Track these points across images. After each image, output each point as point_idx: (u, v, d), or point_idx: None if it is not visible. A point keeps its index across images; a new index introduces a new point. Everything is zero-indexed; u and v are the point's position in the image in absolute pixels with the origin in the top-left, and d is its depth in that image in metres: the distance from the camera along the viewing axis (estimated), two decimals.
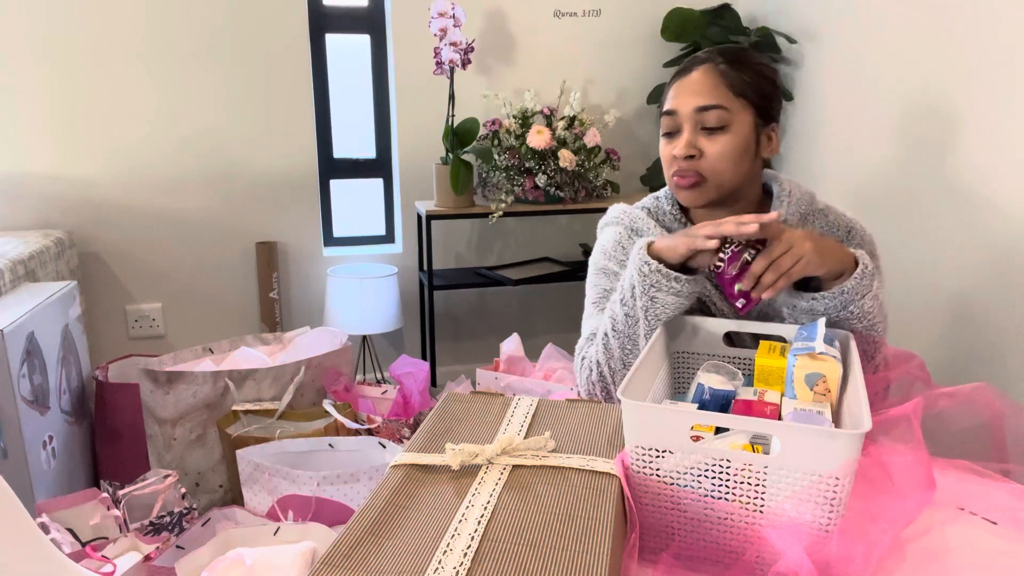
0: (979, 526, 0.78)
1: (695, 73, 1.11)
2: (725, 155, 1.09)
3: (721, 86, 1.10)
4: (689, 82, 1.11)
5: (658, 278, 1.00)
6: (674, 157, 1.11)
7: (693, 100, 1.10)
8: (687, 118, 1.10)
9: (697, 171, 1.10)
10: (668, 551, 0.73)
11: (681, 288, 1.00)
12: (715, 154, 1.09)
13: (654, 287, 1.01)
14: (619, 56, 2.78)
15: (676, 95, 1.12)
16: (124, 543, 1.08)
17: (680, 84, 1.12)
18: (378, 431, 1.48)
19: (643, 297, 1.02)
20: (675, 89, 1.13)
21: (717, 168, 1.10)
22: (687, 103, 1.10)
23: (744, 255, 0.96)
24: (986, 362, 1.79)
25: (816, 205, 1.19)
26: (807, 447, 0.66)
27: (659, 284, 1.00)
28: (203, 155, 2.49)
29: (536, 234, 2.88)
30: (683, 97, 1.11)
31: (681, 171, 1.11)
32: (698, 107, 1.09)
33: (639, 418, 0.71)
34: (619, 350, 1.08)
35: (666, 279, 1.00)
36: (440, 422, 0.86)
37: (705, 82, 1.10)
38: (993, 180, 1.75)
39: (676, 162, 1.11)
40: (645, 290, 1.01)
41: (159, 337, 2.60)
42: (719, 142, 1.09)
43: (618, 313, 1.07)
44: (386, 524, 0.65)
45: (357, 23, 2.64)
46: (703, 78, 1.10)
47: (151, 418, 1.54)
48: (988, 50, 1.73)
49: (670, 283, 1.00)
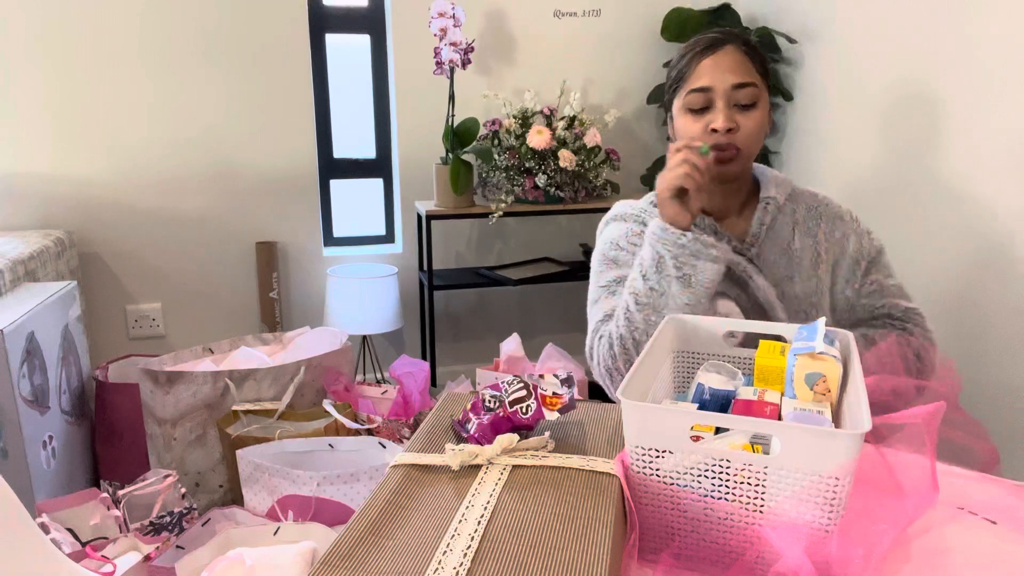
0: (979, 526, 0.78)
1: (724, 51, 1.13)
2: (756, 131, 1.14)
3: (749, 64, 1.13)
4: (722, 59, 1.12)
5: (697, 247, 1.06)
6: (713, 131, 1.12)
7: (729, 77, 1.11)
8: (722, 94, 1.12)
9: (735, 145, 1.13)
10: (668, 551, 0.73)
11: (718, 253, 1.06)
12: (750, 129, 1.13)
13: (694, 256, 1.06)
14: (619, 56, 2.78)
15: (709, 71, 1.13)
16: (124, 543, 1.08)
17: (711, 61, 1.13)
18: (378, 431, 1.48)
19: (685, 267, 1.06)
20: (706, 66, 1.13)
21: (749, 143, 1.14)
22: (723, 79, 1.11)
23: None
24: (982, 362, 1.79)
25: (794, 188, 1.25)
26: (807, 447, 0.66)
27: (699, 252, 1.06)
28: (203, 155, 2.49)
29: (536, 234, 2.88)
30: (717, 73, 1.12)
31: (722, 145, 1.12)
32: (735, 84, 1.11)
33: (639, 418, 0.71)
34: (643, 322, 1.11)
35: (704, 246, 1.06)
36: (440, 422, 0.85)
37: (737, 60, 1.12)
38: (993, 180, 1.75)
39: (713, 136, 1.12)
40: (684, 262, 1.06)
41: (159, 337, 2.60)
42: (752, 118, 1.13)
43: (640, 288, 1.11)
44: (386, 524, 0.65)
45: (357, 23, 2.64)
46: (735, 56, 1.13)
47: (151, 418, 1.54)
48: (988, 50, 1.74)
49: (708, 249, 1.06)
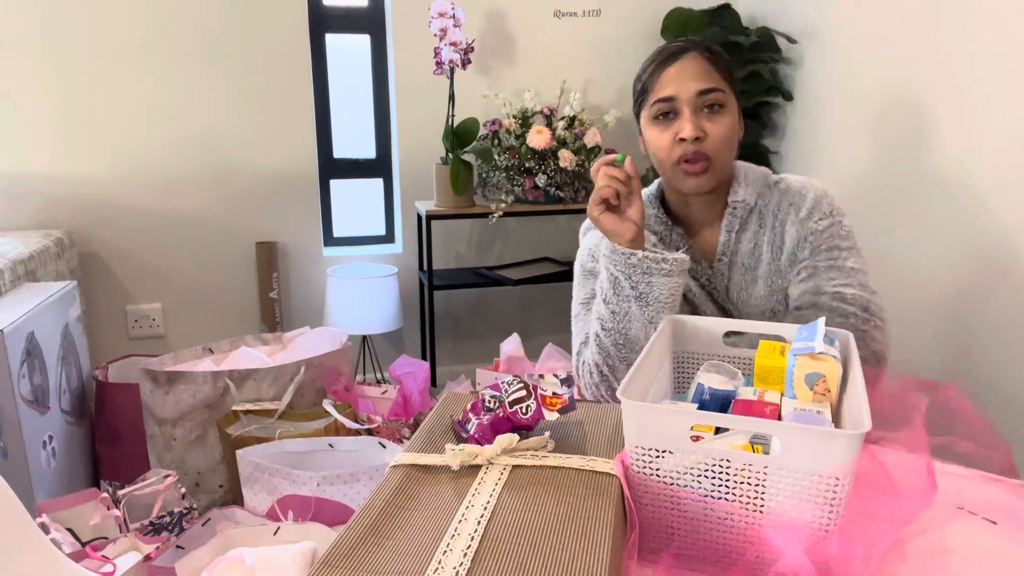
0: (979, 526, 0.78)
1: (686, 59, 1.11)
2: (726, 136, 1.11)
3: (713, 70, 1.11)
4: (684, 67, 1.11)
5: (648, 264, 1.03)
6: (680, 140, 1.10)
7: (693, 84, 1.10)
8: (687, 102, 1.10)
9: (705, 154, 1.10)
10: (668, 551, 0.73)
11: (671, 267, 1.03)
12: (719, 135, 1.10)
13: (646, 273, 1.03)
14: (619, 56, 2.78)
15: (672, 80, 1.11)
16: (124, 543, 1.08)
17: (674, 70, 1.11)
18: (378, 431, 1.48)
19: (640, 285, 1.04)
20: (668, 75, 1.11)
21: (719, 149, 1.11)
22: (687, 87, 1.10)
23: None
24: (981, 361, 1.79)
25: (769, 181, 1.20)
26: (807, 447, 0.66)
27: (650, 269, 1.03)
28: (203, 155, 2.49)
29: (536, 234, 2.88)
30: (681, 81, 1.10)
31: (689, 155, 1.10)
32: (700, 90, 1.09)
33: (639, 418, 0.71)
34: (613, 347, 1.09)
35: (655, 263, 1.03)
36: (440, 422, 0.86)
37: (700, 66, 1.11)
38: (992, 180, 1.75)
39: (682, 146, 1.11)
40: (638, 281, 1.04)
41: (159, 337, 2.60)
42: (721, 123, 1.11)
43: (604, 312, 1.09)
44: (386, 524, 0.65)
45: (357, 23, 2.64)
46: (697, 63, 1.11)
47: (151, 418, 1.54)
48: (988, 50, 1.74)
49: (660, 265, 1.03)
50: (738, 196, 1.17)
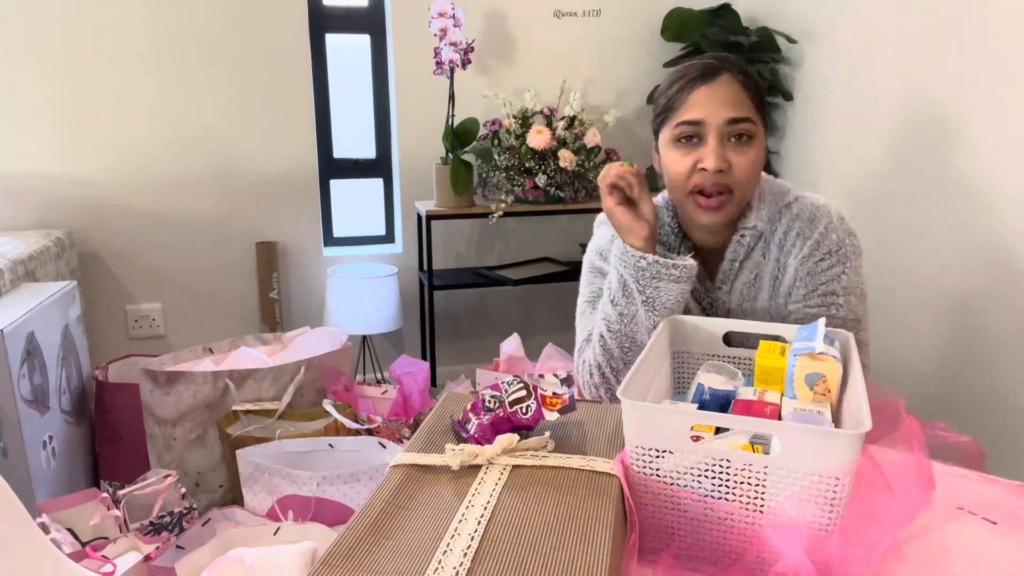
0: (978, 526, 0.78)
1: (720, 81, 1.04)
2: (750, 170, 1.05)
3: (746, 97, 1.05)
4: (717, 90, 1.03)
5: (657, 268, 1.02)
6: (701, 170, 1.04)
7: (724, 111, 1.03)
8: (715, 129, 1.03)
9: (727, 185, 1.05)
10: (668, 551, 0.73)
11: (680, 273, 1.02)
12: (744, 168, 1.04)
13: (655, 278, 1.02)
14: (619, 56, 2.78)
15: (702, 103, 1.04)
16: (124, 543, 1.08)
17: (706, 91, 1.04)
18: (378, 431, 1.48)
19: (648, 290, 1.03)
20: (699, 96, 1.04)
21: (743, 182, 1.05)
22: (717, 113, 1.03)
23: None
24: (981, 362, 1.79)
25: (783, 202, 1.13)
26: (807, 447, 0.66)
27: (659, 274, 1.02)
28: (203, 155, 2.49)
29: (536, 234, 2.88)
30: (712, 106, 1.03)
31: (708, 187, 1.05)
32: (730, 119, 1.03)
33: (639, 418, 0.71)
34: (618, 349, 1.08)
35: (665, 268, 1.02)
36: (440, 422, 0.86)
37: (733, 92, 1.04)
38: (992, 180, 1.75)
39: (702, 175, 1.05)
40: (646, 285, 1.03)
41: (159, 337, 2.60)
42: (747, 156, 1.04)
43: (611, 314, 1.08)
44: (386, 524, 0.65)
45: (357, 23, 2.64)
46: (731, 87, 1.04)
47: (151, 418, 1.54)
48: (987, 51, 1.74)
49: (669, 271, 1.02)
50: (748, 222, 1.11)
